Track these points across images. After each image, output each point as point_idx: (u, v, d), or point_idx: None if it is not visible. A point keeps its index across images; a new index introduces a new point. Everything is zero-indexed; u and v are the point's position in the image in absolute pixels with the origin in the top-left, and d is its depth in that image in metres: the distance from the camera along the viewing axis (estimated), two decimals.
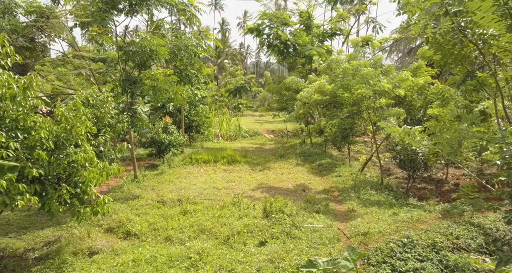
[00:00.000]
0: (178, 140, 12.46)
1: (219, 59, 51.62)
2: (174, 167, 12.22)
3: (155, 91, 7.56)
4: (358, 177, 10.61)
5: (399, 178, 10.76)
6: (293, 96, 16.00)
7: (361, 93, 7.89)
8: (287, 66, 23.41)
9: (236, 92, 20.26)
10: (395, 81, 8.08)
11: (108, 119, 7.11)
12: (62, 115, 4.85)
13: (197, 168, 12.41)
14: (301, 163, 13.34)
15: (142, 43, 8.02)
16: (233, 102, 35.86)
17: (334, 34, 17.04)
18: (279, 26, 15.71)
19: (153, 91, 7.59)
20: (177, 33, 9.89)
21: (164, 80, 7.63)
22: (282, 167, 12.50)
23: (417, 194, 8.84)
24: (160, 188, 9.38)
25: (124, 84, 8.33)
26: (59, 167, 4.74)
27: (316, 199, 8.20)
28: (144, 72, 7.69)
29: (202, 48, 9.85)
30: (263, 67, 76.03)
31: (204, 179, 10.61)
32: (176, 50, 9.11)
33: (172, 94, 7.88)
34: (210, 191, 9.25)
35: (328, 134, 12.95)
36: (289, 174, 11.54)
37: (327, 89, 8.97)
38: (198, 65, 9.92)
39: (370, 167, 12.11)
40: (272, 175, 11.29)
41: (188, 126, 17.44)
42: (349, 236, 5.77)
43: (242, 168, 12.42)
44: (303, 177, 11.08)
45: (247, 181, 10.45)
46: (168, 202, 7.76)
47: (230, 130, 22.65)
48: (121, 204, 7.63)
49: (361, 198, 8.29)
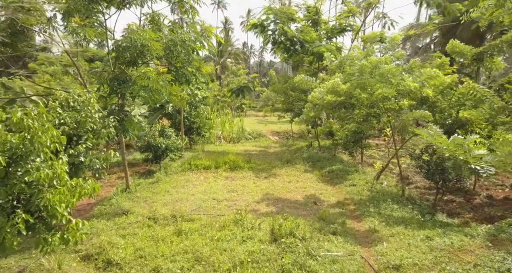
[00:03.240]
0: (175, 144, 11.46)
1: (221, 58, 50.69)
2: (171, 174, 11.24)
3: (146, 91, 6.57)
4: (374, 187, 9.54)
5: (420, 187, 9.66)
6: (299, 96, 14.94)
7: (382, 94, 6.82)
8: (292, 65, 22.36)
9: (239, 92, 19.25)
10: (422, 79, 7.00)
11: (90, 124, 6.13)
12: (19, 122, 3.86)
13: (197, 175, 11.41)
14: (310, 169, 12.29)
15: (132, 36, 7.02)
16: (236, 102, 34.87)
17: (344, 30, 15.95)
18: (285, 21, 14.66)
19: (144, 92, 6.60)
20: (173, 27, 8.89)
21: (156, 79, 6.63)
22: (289, 174, 11.46)
23: (445, 208, 7.75)
24: (154, 200, 8.39)
25: (113, 84, 7.35)
26: (14, 188, 3.76)
27: (330, 215, 7.14)
28: (132, 70, 6.72)
29: (201, 44, 8.84)
30: (266, 66, 74.93)
31: (204, 189, 9.60)
32: (171, 45, 8.10)
33: (165, 95, 6.89)
34: (209, 203, 8.24)
35: (339, 137, 11.87)
36: (297, 182, 10.49)
37: (342, 89, 7.91)
38: (197, 63, 8.90)
39: (386, 174, 11.03)
40: (279, 184, 10.25)
41: (188, 128, 16.47)
42: (377, 269, 4.72)
43: (246, 175, 11.40)
44: (313, 186, 10.02)
45: (251, 191, 9.43)
46: (160, 219, 6.76)
47: (233, 131, 21.64)
48: (106, 221, 6.64)
49: (382, 214, 7.22)
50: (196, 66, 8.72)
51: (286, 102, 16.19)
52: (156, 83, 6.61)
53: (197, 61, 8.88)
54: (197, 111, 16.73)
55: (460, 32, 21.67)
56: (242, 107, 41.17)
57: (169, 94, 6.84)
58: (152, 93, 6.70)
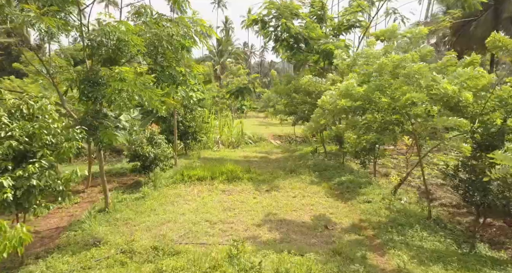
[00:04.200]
0: (165, 153, 10.19)
1: (221, 58, 49.50)
2: (161, 187, 9.97)
3: (120, 96, 5.31)
4: (393, 204, 8.25)
5: (446, 205, 8.37)
6: (304, 99, 13.66)
7: (411, 99, 5.55)
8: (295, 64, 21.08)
9: (238, 93, 18.00)
10: (462, 80, 5.71)
11: (45, 137, 4.87)
12: None
13: (190, 187, 10.14)
14: (316, 180, 10.99)
15: (105, 29, 5.76)
16: (236, 103, 33.62)
17: (352, 27, 14.67)
18: (288, 16, 13.39)
19: (118, 96, 5.34)
20: (159, 19, 7.63)
21: (134, 81, 5.36)
22: (294, 187, 10.17)
23: (484, 235, 6.46)
24: (137, 222, 7.12)
25: (83, 86, 6.08)
26: None
27: (346, 245, 5.84)
28: (104, 69, 5.47)
29: (191, 39, 7.57)
30: (267, 66, 73.74)
31: (196, 206, 8.33)
32: (156, 40, 6.86)
33: (146, 100, 5.63)
34: (201, 227, 6.97)
35: (349, 145, 10.57)
36: (303, 197, 9.21)
37: (358, 92, 6.63)
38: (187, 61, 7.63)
39: (404, 186, 9.73)
40: (282, 199, 8.97)
41: (183, 133, 15.21)
42: None
43: (245, 188, 10.13)
44: (322, 202, 8.74)
45: (251, 209, 8.16)
46: (138, 252, 5.49)
47: (232, 135, 20.37)
48: (70, 256, 5.36)
49: (410, 245, 5.93)
50: (186, 65, 7.44)
51: (289, 105, 14.90)
52: (133, 86, 5.34)
53: (187, 60, 7.60)
54: (192, 114, 15.47)
55: (474, 29, 20.33)
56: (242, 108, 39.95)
57: (150, 98, 5.57)
58: (129, 98, 5.43)
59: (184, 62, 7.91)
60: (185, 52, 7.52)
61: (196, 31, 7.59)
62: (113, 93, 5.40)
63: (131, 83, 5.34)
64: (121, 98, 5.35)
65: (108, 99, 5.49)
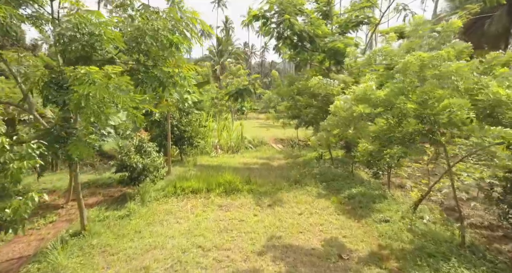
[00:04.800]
0: (155, 164, 9.10)
1: (221, 58, 48.43)
2: (150, 202, 8.88)
3: (87, 103, 4.21)
4: (415, 224, 7.17)
5: (477, 225, 7.26)
6: (309, 102, 12.56)
7: (451, 106, 4.46)
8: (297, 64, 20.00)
9: (238, 95, 16.89)
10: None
11: None
12: None
13: (183, 201, 9.06)
14: (324, 192, 9.89)
15: (71, 19, 4.68)
16: (236, 105, 32.51)
17: (360, 23, 13.58)
18: (291, 12, 12.30)
19: (85, 103, 4.25)
20: (144, 11, 6.55)
21: (105, 83, 4.27)
22: (299, 201, 9.08)
23: None
24: (116, 251, 6.03)
25: (48, 90, 5.00)
26: None
27: None
28: (68, 70, 4.38)
29: (182, 35, 6.48)
30: (267, 67, 72.73)
31: (188, 226, 7.24)
32: (138, 35, 5.77)
33: (120, 108, 4.53)
34: (192, 256, 5.88)
35: (360, 154, 9.47)
36: (311, 214, 8.11)
37: (378, 96, 5.53)
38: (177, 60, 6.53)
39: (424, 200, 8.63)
40: (287, 217, 7.88)
41: (178, 138, 14.13)
42: None
43: (244, 202, 9.04)
44: (332, 221, 7.64)
45: (251, 230, 7.06)
46: None
47: (231, 139, 19.29)
48: None
49: None
50: (175, 65, 6.34)
51: (292, 108, 13.80)
52: (104, 90, 4.25)
53: (178, 58, 6.51)
54: (188, 118, 14.40)
55: (488, 26, 19.21)
56: (243, 109, 38.89)
57: (124, 105, 4.47)
58: (99, 105, 4.34)
59: (174, 61, 6.82)
60: (174, 49, 6.43)
61: (187, 25, 6.49)
62: (81, 99, 4.31)
63: (101, 86, 4.25)
64: (86, 105, 4.25)
65: (75, 106, 4.40)
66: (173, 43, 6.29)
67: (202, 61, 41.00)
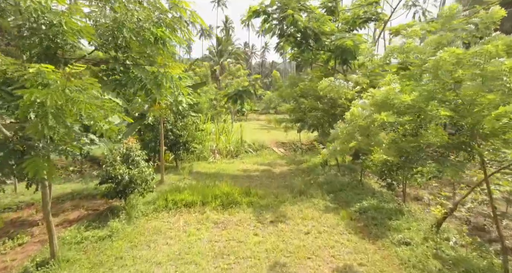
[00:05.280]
0: (143, 175, 8.11)
1: (221, 59, 47.46)
2: (138, 217, 7.93)
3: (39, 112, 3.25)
4: (440, 248, 6.19)
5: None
6: (314, 105, 11.57)
7: (507, 115, 3.50)
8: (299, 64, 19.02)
9: (237, 97, 15.93)
10: None
11: None
12: None
13: (175, 217, 8.09)
14: (332, 206, 8.91)
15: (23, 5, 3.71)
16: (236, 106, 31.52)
17: (369, 20, 12.60)
18: (295, 7, 11.33)
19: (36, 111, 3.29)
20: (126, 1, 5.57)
21: (63, 86, 3.30)
22: (305, 216, 8.09)
23: None
24: None
25: None
26: None
27: None
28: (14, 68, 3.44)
29: (170, 28, 5.50)
30: (268, 67, 71.74)
31: (178, 250, 6.27)
32: (115, 28, 4.80)
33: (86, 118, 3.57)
34: None
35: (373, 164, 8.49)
36: (319, 233, 7.13)
37: (404, 101, 4.56)
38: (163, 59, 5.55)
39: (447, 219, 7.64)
40: (292, 237, 6.90)
41: (173, 143, 13.17)
42: None
43: (243, 218, 8.06)
44: (344, 243, 6.65)
45: (251, 255, 6.08)
46: None
47: (231, 143, 18.31)
48: None
49: None
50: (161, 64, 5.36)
51: (296, 111, 12.82)
52: (61, 96, 3.28)
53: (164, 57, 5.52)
54: (184, 122, 13.43)
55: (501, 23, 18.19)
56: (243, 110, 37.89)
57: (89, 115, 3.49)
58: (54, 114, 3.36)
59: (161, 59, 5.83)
60: (161, 46, 5.45)
61: (175, 17, 5.50)
62: (30, 107, 3.34)
63: (57, 90, 3.28)
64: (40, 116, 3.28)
65: (23, 114, 3.43)
66: (158, 38, 5.31)
67: (202, 61, 40.00)
